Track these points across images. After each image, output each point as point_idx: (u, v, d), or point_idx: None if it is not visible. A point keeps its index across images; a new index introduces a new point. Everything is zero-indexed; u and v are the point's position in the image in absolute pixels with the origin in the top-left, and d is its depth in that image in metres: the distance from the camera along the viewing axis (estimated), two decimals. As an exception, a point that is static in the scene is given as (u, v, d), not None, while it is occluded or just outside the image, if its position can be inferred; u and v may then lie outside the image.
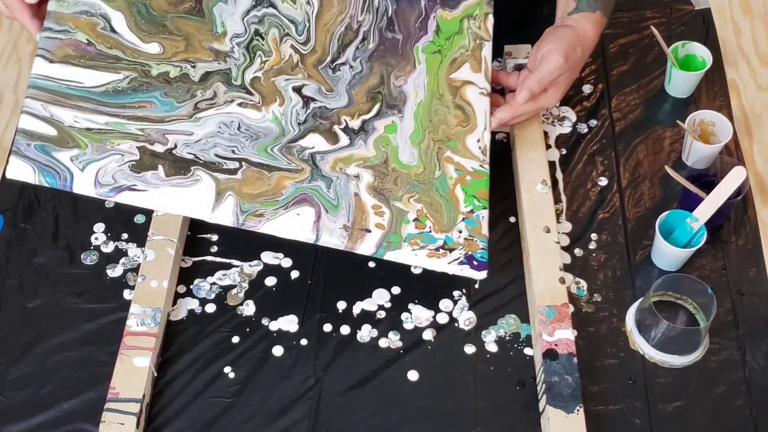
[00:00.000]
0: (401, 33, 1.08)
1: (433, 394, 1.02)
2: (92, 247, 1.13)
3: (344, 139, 1.03)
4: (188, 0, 1.02)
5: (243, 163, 0.99)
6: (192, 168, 0.97)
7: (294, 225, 0.97)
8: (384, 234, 0.99)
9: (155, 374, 1.02)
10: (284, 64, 1.03)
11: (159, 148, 0.97)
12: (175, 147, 0.97)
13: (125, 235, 1.14)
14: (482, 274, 1.01)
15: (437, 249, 1.00)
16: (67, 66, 0.98)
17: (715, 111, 1.18)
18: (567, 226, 1.14)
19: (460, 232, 1.02)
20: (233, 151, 0.99)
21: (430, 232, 1.01)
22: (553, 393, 0.97)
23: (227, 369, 1.04)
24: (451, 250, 1.00)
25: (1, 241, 1.14)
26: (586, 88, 1.27)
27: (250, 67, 1.02)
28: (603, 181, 1.18)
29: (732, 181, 1.06)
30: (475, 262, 1.01)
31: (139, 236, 1.13)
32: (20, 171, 0.93)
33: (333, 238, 0.98)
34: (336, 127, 1.03)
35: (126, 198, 0.95)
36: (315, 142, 1.02)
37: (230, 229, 1.13)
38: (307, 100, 1.03)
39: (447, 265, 1.00)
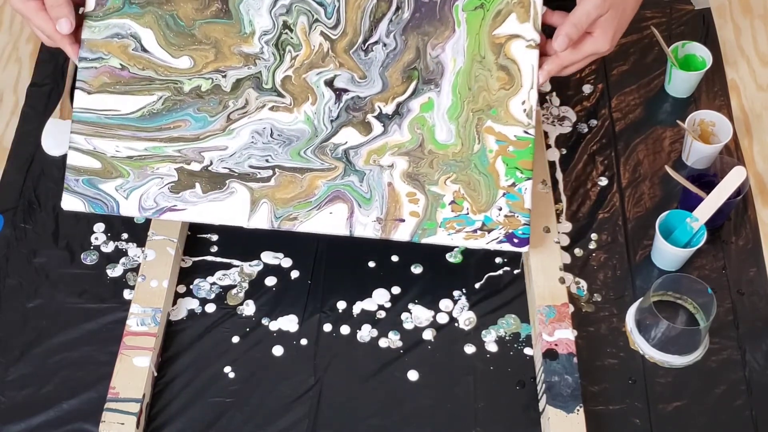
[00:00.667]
0: None
1: (433, 394, 1.02)
2: (92, 247, 1.13)
3: (378, 128, 1.01)
4: (215, 2, 1.01)
5: (276, 169, 1.01)
6: (227, 181, 1.00)
7: (327, 223, 1.00)
8: (418, 222, 1.00)
9: (155, 374, 1.02)
10: (314, 57, 1.01)
11: (195, 167, 1.00)
12: (211, 164, 1.01)
13: (125, 235, 1.14)
14: (524, 249, 1.01)
15: (475, 231, 1.00)
16: (104, 95, 1.01)
17: (715, 111, 1.18)
18: (567, 226, 1.14)
19: (500, 209, 1.00)
20: (267, 160, 1.01)
21: (468, 214, 1.00)
22: (553, 393, 0.97)
23: (227, 369, 1.04)
24: (489, 231, 1.00)
25: (1, 241, 1.14)
26: (586, 88, 1.27)
27: (281, 66, 1.01)
28: (603, 181, 1.18)
29: (732, 181, 1.06)
30: (516, 240, 1.00)
31: (139, 236, 1.13)
32: (72, 204, 1.01)
33: (366, 232, 1.00)
34: (370, 116, 1.01)
35: (168, 216, 1.01)
36: (348, 136, 1.01)
37: (230, 229, 1.13)
38: (339, 93, 1.01)
39: (486, 244, 1.00)
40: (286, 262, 1.11)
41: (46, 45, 1.02)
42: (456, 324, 1.07)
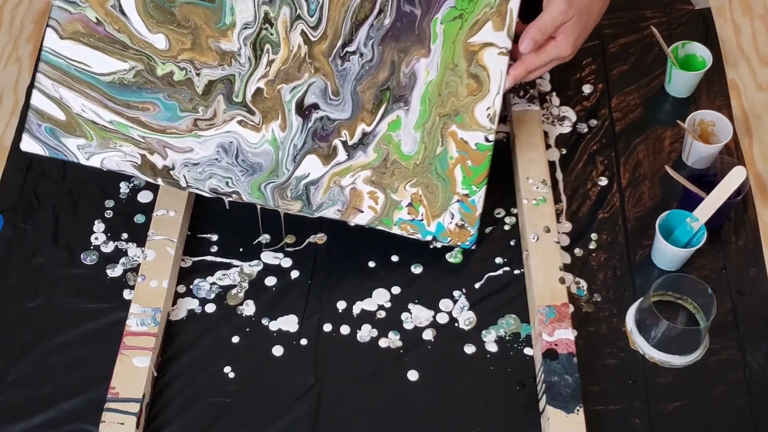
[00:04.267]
0: (420, 6, 1.00)
1: (433, 394, 1.02)
2: (92, 247, 1.13)
3: (342, 155, 1.03)
4: None
5: (234, 195, 1.03)
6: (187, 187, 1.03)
7: (288, 208, 1.05)
8: (375, 216, 1.04)
9: (155, 374, 1.02)
10: (291, 64, 1.00)
11: (158, 162, 1.01)
12: (173, 168, 1.01)
13: (125, 235, 1.14)
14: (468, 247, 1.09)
15: (426, 242, 1.05)
16: (76, 44, 0.99)
17: (715, 111, 1.18)
18: (567, 226, 1.14)
19: (452, 216, 1.04)
20: (227, 184, 1.02)
21: (422, 221, 1.04)
22: (553, 393, 0.97)
23: (227, 369, 1.04)
24: (439, 243, 1.06)
25: (1, 241, 1.14)
26: (586, 88, 1.27)
27: (255, 73, 1.00)
28: (603, 181, 1.18)
29: (732, 181, 1.06)
30: (462, 248, 1.09)
31: (139, 236, 1.13)
32: (32, 147, 1.01)
33: (327, 214, 1.04)
34: (336, 141, 1.02)
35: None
36: (311, 167, 1.02)
37: (230, 229, 1.13)
38: (308, 112, 1.01)
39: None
40: (286, 262, 1.11)
41: None
42: (456, 324, 1.07)
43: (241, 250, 1.12)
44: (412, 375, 1.03)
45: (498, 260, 1.11)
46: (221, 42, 1.00)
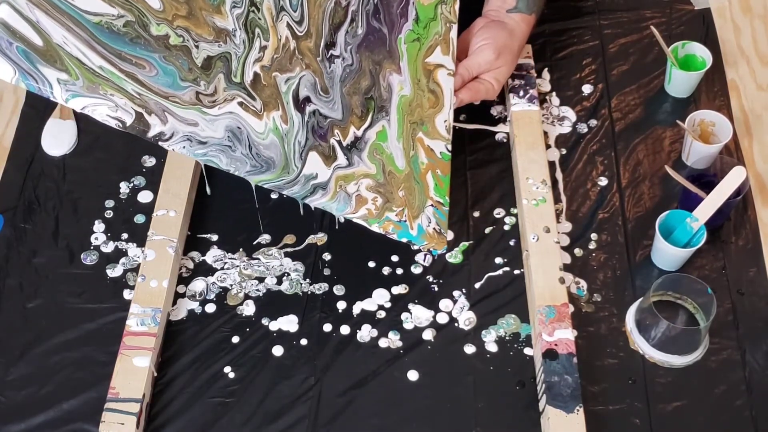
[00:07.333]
0: (386, 24, 1.07)
1: (433, 394, 1.02)
2: (92, 247, 1.13)
3: (341, 158, 1.01)
4: None
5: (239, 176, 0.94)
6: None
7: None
8: (366, 215, 1.00)
9: (155, 374, 1.02)
10: (282, 54, 0.98)
11: (156, 125, 0.86)
12: (171, 137, 0.87)
13: (125, 235, 1.14)
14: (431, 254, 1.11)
15: (405, 241, 1.04)
16: None
17: (715, 111, 1.18)
18: (567, 226, 1.14)
19: (429, 220, 1.05)
20: (234, 169, 0.93)
21: (406, 221, 1.03)
22: (553, 393, 0.97)
23: (227, 369, 1.04)
24: (414, 245, 1.05)
25: (1, 241, 1.14)
26: (586, 88, 1.27)
27: (250, 55, 0.96)
28: (603, 181, 1.18)
29: (732, 181, 1.06)
30: (430, 254, 1.11)
31: (139, 236, 1.13)
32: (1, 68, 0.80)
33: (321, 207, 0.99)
34: (333, 141, 1.01)
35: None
36: (316, 166, 0.98)
37: (230, 229, 1.13)
38: (303, 106, 0.99)
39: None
40: (286, 263, 1.11)
41: None
42: (456, 324, 1.07)
43: (241, 250, 1.12)
44: (412, 375, 1.03)
45: (498, 260, 1.11)
46: (215, 18, 0.94)
